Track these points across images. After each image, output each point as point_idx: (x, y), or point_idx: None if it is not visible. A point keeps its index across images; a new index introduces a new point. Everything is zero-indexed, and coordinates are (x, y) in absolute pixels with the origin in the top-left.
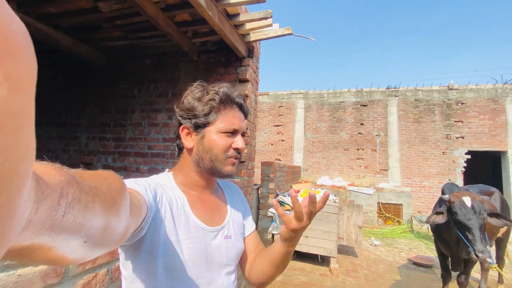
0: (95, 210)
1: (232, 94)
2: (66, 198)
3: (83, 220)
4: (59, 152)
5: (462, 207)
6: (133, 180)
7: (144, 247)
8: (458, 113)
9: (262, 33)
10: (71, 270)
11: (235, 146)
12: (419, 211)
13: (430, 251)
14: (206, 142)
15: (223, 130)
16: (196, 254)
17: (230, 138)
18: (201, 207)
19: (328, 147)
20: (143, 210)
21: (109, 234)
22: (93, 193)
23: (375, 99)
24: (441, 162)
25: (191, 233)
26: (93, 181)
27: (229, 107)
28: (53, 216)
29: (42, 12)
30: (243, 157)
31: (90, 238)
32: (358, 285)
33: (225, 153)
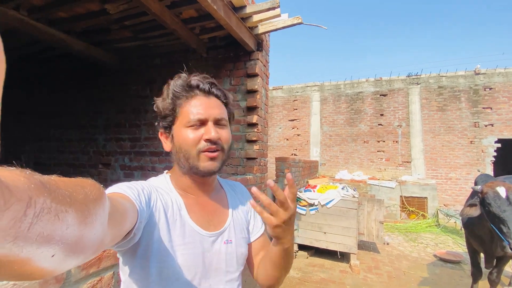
0: (66, 221)
1: (190, 81)
2: (33, 208)
3: (52, 232)
4: (79, 154)
5: (496, 198)
6: (126, 184)
7: (139, 253)
8: (486, 99)
9: (271, 25)
10: (73, 275)
11: (205, 137)
12: (446, 204)
13: (458, 246)
14: (176, 141)
15: (187, 124)
16: (192, 260)
17: (199, 130)
18: (199, 210)
19: (346, 140)
20: (129, 217)
21: (82, 245)
22: (67, 202)
23: (395, 88)
24: (468, 152)
25: (186, 238)
26: (69, 190)
27: (191, 97)
28: (17, 227)
29: (53, 17)
30: (255, 153)
31: (59, 251)
32: (381, 282)
33: (196, 147)
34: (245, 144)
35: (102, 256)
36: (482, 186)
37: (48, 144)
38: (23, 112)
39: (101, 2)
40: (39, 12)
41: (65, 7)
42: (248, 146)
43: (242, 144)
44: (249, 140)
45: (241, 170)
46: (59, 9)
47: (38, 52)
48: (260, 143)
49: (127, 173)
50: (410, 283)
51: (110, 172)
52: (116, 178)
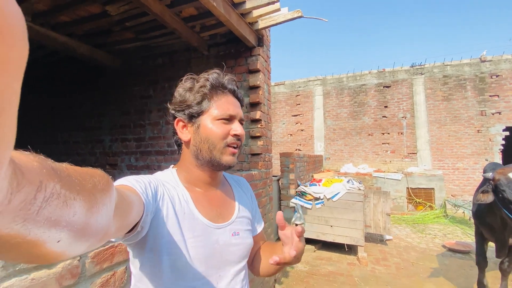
0: (74, 208)
1: (223, 79)
2: (44, 192)
3: (59, 217)
4: (87, 156)
5: (510, 184)
6: (133, 177)
7: (148, 246)
8: (493, 87)
9: (271, 19)
10: (88, 270)
11: (234, 132)
12: (453, 194)
13: (467, 236)
14: (202, 131)
15: (218, 117)
16: (203, 253)
17: (227, 125)
18: (207, 203)
19: (351, 133)
20: (134, 210)
21: (88, 233)
22: (76, 190)
23: (399, 79)
24: (475, 141)
25: (196, 231)
26: (79, 178)
27: (221, 93)
28: (27, 210)
29: (56, 21)
30: (260, 149)
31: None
32: (389, 274)
33: (224, 140)
34: (249, 140)
35: (115, 251)
36: (494, 173)
37: (55, 147)
38: (30, 116)
39: (102, 4)
40: (43, 17)
41: (67, 11)
42: (252, 142)
43: (246, 140)
44: (253, 136)
45: (246, 166)
46: (62, 13)
47: (42, 56)
48: (264, 139)
49: (134, 173)
50: (419, 274)
51: (117, 172)
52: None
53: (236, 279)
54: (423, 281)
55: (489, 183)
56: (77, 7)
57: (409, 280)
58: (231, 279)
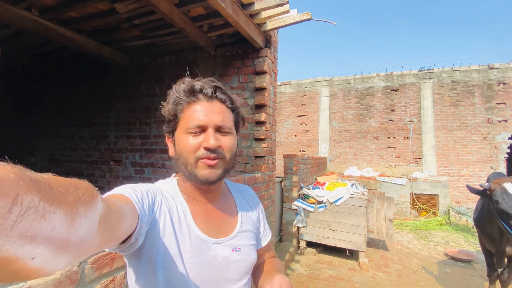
0: (53, 222)
1: (193, 86)
2: (20, 206)
3: (36, 233)
4: (91, 151)
5: (503, 194)
6: (131, 186)
7: (144, 258)
8: (500, 95)
9: (279, 21)
10: (87, 276)
11: (204, 145)
12: (458, 201)
13: (470, 244)
14: (177, 146)
15: (187, 130)
16: (199, 269)
17: (199, 137)
18: (205, 217)
19: (356, 136)
20: (125, 221)
21: (67, 248)
22: (57, 203)
23: (406, 82)
24: (481, 148)
25: (193, 245)
26: (61, 190)
27: (193, 102)
28: (0, 225)
29: (64, 17)
30: (263, 151)
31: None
32: (390, 280)
33: (194, 154)
34: (253, 142)
35: (115, 256)
36: (490, 183)
37: (61, 141)
38: (37, 111)
39: (111, 2)
40: (51, 12)
41: (76, 7)
42: (256, 144)
43: (250, 142)
44: (257, 138)
45: (249, 168)
46: (70, 9)
47: (50, 52)
48: (268, 141)
49: (138, 170)
50: (420, 281)
51: (121, 169)
52: (127, 175)
53: None
54: None
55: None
56: (86, 3)
57: None
58: None
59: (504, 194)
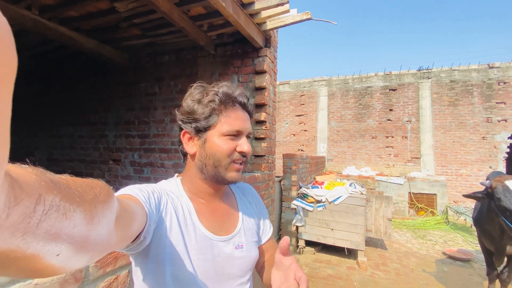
0: (74, 220)
1: (233, 93)
2: (43, 205)
3: (59, 230)
4: (90, 150)
5: (505, 192)
6: (137, 187)
7: (151, 256)
8: (500, 94)
9: (279, 20)
10: (91, 274)
11: (240, 149)
12: (455, 201)
13: (468, 243)
14: (208, 146)
15: (225, 133)
16: (204, 266)
17: (234, 141)
18: (210, 215)
19: (354, 135)
20: (137, 220)
21: (88, 245)
22: (76, 202)
23: (405, 82)
24: (480, 148)
25: (198, 243)
26: (79, 190)
27: (231, 108)
28: (27, 223)
29: (63, 16)
30: (263, 151)
31: (65, 249)
32: (388, 279)
33: (229, 157)
34: (253, 142)
35: (118, 255)
36: (491, 181)
37: (60, 141)
38: (36, 109)
39: (111, 1)
40: (51, 11)
41: (75, 6)
42: (256, 143)
43: (250, 141)
44: (257, 138)
45: (249, 168)
46: (70, 8)
47: (50, 51)
48: (268, 141)
49: (137, 169)
50: (418, 280)
51: (120, 168)
52: (126, 174)
53: None
54: None
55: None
56: (86, 2)
57: (408, 286)
58: None
59: (506, 191)
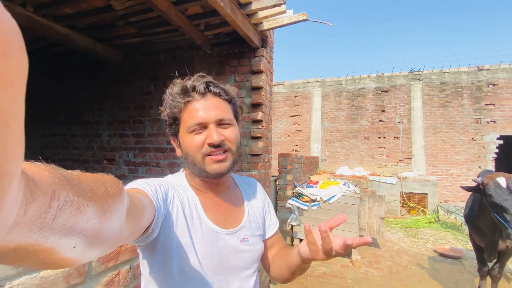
0: (87, 214)
1: (185, 86)
2: (57, 201)
3: (74, 224)
4: (84, 150)
5: (497, 188)
6: (144, 181)
7: (158, 248)
8: (489, 96)
9: (276, 21)
10: (94, 269)
11: (207, 141)
12: (446, 200)
13: (458, 241)
14: (183, 147)
15: (189, 130)
16: (210, 258)
17: (201, 135)
18: (215, 209)
19: (347, 136)
20: (146, 213)
21: (101, 238)
22: (88, 197)
23: (397, 84)
24: (470, 148)
25: (204, 235)
26: (90, 184)
27: (190, 101)
28: (43, 218)
29: (58, 13)
30: (260, 150)
31: (80, 242)
32: (381, 277)
33: (200, 152)
34: (250, 141)
35: (120, 251)
36: (483, 178)
37: (52, 140)
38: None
39: None
40: (45, 9)
41: (70, 3)
42: (252, 142)
43: (247, 140)
44: (254, 137)
45: (246, 166)
46: (65, 5)
47: (43, 48)
48: (264, 140)
49: (132, 169)
50: (411, 277)
51: (114, 168)
52: (120, 174)
53: (245, 286)
54: (415, 285)
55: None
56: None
57: (401, 284)
58: (240, 285)
59: (498, 188)
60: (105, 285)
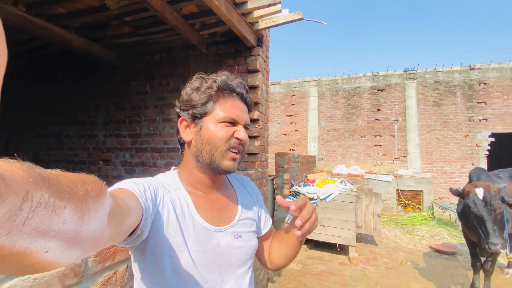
0: (63, 217)
1: (231, 82)
2: (30, 202)
3: (47, 227)
4: (79, 151)
5: (474, 200)
6: (132, 180)
7: (149, 249)
8: (480, 94)
9: (271, 20)
10: (90, 268)
11: (237, 135)
12: (441, 197)
13: (453, 237)
14: (205, 133)
15: (222, 120)
16: (204, 256)
17: (231, 128)
18: (208, 207)
19: (344, 135)
20: (132, 214)
21: (79, 241)
22: (66, 198)
23: (392, 83)
24: (463, 146)
25: (197, 234)
26: (69, 185)
27: (228, 96)
28: (12, 221)
29: (52, 13)
30: (257, 149)
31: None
32: (378, 273)
33: (226, 143)
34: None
35: (116, 250)
36: (464, 187)
37: (46, 141)
38: (21, 108)
39: None
40: (38, 8)
41: (64, 3)
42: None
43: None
44: (251, 136)
45: (243, 166)
46: (59, 5)
47: (36, 48)
48: (261, 139)
49: (128, 169)
50: (407, 273)
51: (111, 169)
52: (117, 174)
53: (241, 282)
54: (411, 280)
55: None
56: None
57: (398, 280)
58: (235, 282)
59: (475, 199)
60: (101, 285)
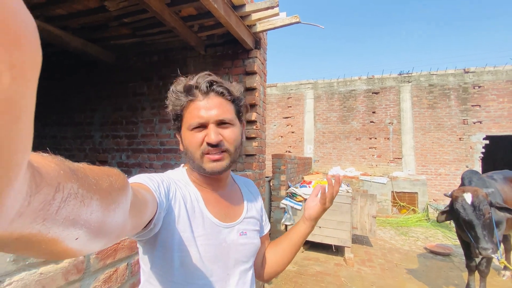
0: (91, 207)
1: (189, 84)
2: (62, 193)
3: (77, 216)
4: (75, 151)
5: (462, 205)
6: (147, 176)
7: (160, 243)
8: (475, 97)
9: (269, 23)
10: (92, 266)
11: (207, 140)
12: (435, 199)
13: (448, 239)
14: (184, 142)
15: (191, 127)
16: (211, 251)
17: (202, 133)
18: (216, 203)
19: (339, 137)
20: (149, 207)
21: (104, 231)
22: (93, 189)
23: (387, 86)
24: (457, 148)
25: (206, 229)
26: (95, 178)
27: (191, 100)
28: (46, 210)
29: (51, 14)
30: (254, 150)
31: (83, 234)
32: (374, 274)
33: (199, 150)
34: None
35: (117, 248)
36: (452, 192)
37: (42, 142)
38: None
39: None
40: (37, 9)
41: (64, 4)
42: (247, 143)
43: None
44: (248, 137)
45: (240, 167)
46: (58, 6)
47: None
48: (258, 140)
49: (125, 170)
50: (402, 274)
51: None
52: None
53: (244, 279)
54: (406, 281)
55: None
56: (75, 0)
57: (393, 281)
58: (239, 278)
59: (463, 204)
60: (103, 282)
